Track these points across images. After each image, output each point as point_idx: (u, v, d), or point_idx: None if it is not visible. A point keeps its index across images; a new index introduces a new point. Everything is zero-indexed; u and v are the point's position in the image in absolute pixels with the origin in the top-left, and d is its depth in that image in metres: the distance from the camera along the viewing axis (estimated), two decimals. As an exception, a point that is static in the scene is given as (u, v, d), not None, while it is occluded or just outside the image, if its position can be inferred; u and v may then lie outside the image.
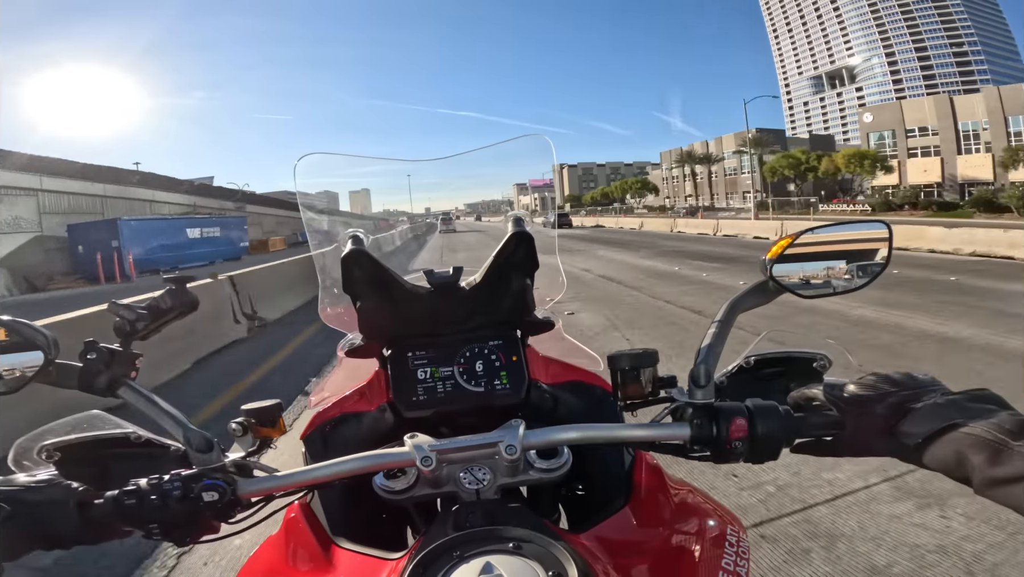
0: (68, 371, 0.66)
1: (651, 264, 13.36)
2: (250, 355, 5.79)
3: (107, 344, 0.68)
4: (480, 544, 0.54)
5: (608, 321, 6.73)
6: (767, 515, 2.49)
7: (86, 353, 0.66)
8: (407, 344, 0.91)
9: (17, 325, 0.64)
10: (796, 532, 2.35)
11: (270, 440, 0.71)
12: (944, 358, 4.68)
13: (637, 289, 9.29)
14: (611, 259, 14.83)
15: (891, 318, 6.00)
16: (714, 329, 0.71)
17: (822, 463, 2.82)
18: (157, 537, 0.59)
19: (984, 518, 2.33)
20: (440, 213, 3.39)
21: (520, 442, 0.62)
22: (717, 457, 0.64)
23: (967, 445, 0.48)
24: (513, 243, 0.82)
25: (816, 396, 0.62)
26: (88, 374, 0.66)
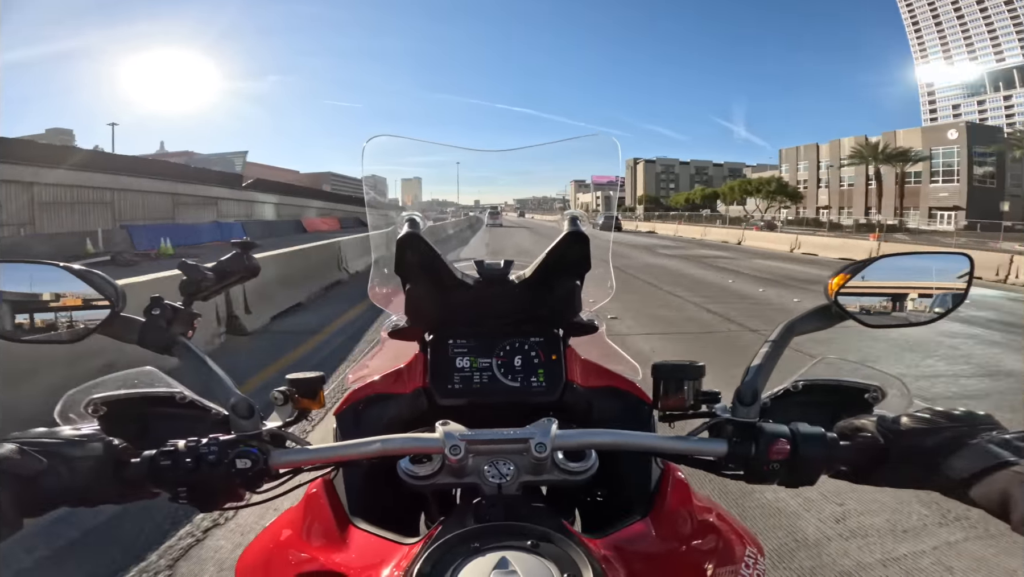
0: (130, 325, 0.68)
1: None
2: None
3: (172, 302, 0.69)
4: (498, 538, 0.54)
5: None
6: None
7: (151, 308, 0.67)
8: (449, 331, 0.92)
9: (89, 274, 0.65)
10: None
11: (308, 412, 0.71)
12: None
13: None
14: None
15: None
16: (766, 349, 0.69)
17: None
18: (183, 501, 0.59)
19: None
20: (488, 206, 3.40)
21: (551, 441, 0.62)
22: (751, 477, 0.63)
23: (1014, 484, 0.48)
24: (567, 242, 0.81)
25: (865, 427, 0.61)
26: (149, 329, 0.67)
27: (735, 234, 28.03)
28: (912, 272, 0.67)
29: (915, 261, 0.68)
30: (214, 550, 2.24)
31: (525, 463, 0.67)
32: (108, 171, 22.21)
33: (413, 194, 5.46)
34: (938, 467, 0.54)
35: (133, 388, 0.71)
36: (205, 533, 2.35)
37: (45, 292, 0.66)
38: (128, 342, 0.68)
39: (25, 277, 0.67)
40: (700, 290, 10.07)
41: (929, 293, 0.67)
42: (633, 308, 7.82)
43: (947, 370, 5.12)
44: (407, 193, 4.58)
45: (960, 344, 6.04)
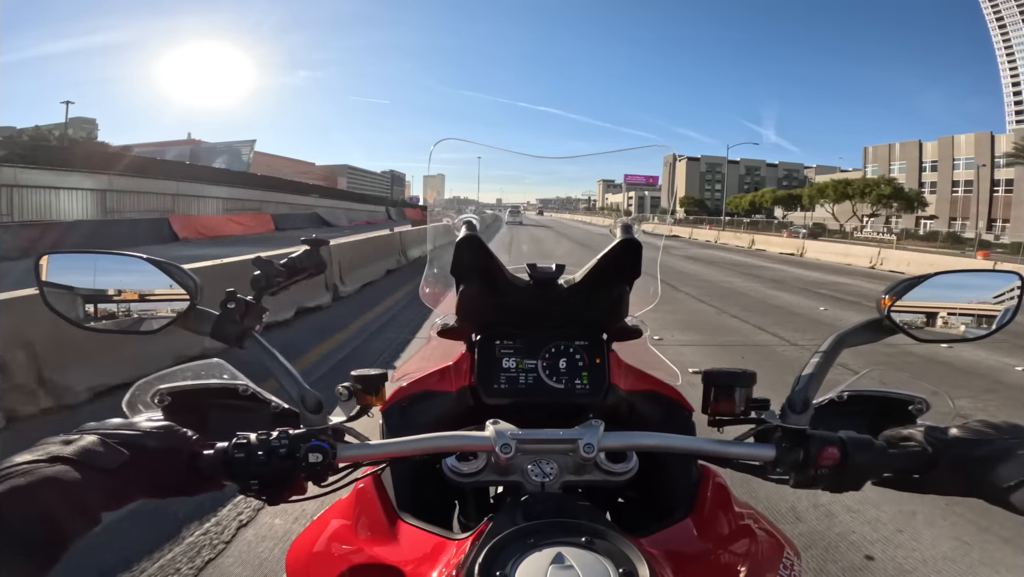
0: (205, 318, 0.69)
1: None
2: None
3: (243, 296, 0.71)
4: (553, 534, 0.55)
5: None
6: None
7: (227, 302, 0.69)
8: (497, 332, 0.93)
9: (170, 267, 0.67)
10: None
11: (370, 407, 0.73)
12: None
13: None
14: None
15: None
16: (817, 359, 0.71)
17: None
18: (253, 493, 0.59)
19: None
20: (509, 205, 3.35)
21: (599, 442, 0.64)
22: (797, 482, 0.64)
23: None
24: (620, 249, 0.83)
25: (912, 436, 0.62)
26: (223, 322, 0.68)
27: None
28: (965, 289, 0.69)
29: (968, 279, 0.70)
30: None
31: (567, 463, 0.69)
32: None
33: (436, 191, 5.45)
34: (985, 475, 0.56)
35: (199, 379, 0.73)
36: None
37: (132, 284, 0.68)
38: (202, 335, 0.69)
39: (110, 267, 0.69)
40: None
41: (981, 310, 0.68)
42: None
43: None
44: (430, 190, 4.58)
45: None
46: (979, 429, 0.59)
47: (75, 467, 0.47)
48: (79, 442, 0.50)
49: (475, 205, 3.50)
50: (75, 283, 0.67)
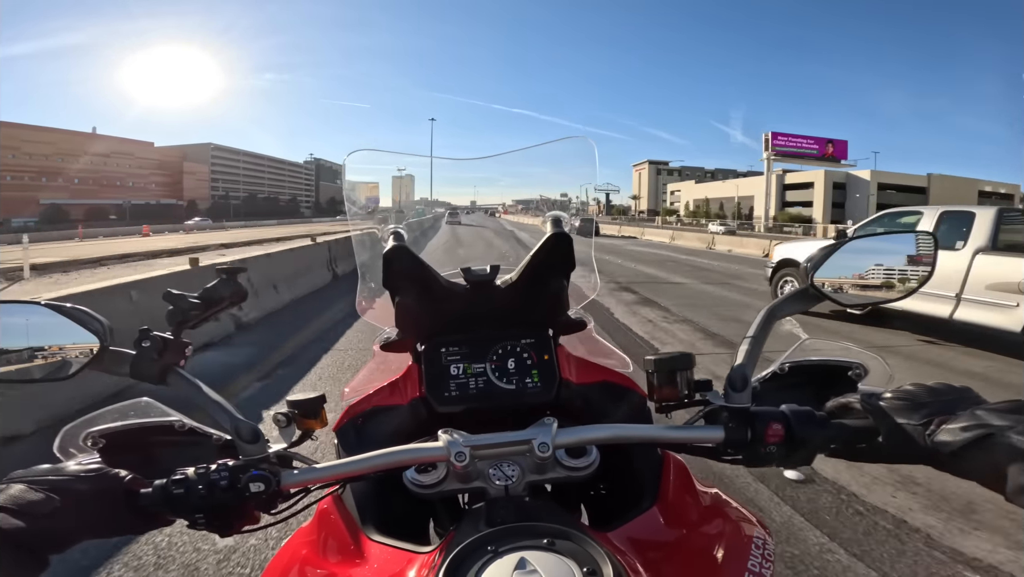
0: (121, 358, 0.67)
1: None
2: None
3: (160, 332, 0.69)
4: (514, 539, 0.55)
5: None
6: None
7: (140, 341, 0.67)
8: (441, 340, 0.92)
9: (74, 311, 0.65)
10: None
11: (311, 432, 0.72)
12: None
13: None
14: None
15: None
16: (752, 333, 0.72)
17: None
18: (201, 527, 0.59)
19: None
20: (449, 206, 3.25)
21: (553, 440, 0.63)
22: (750, 460, 0.65)
23: (1003, 455, 0.49)
24: (551, 243, 0.82)
25: (852, 404, 0.63)
26: (141, 362, 0.67)
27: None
28: (882, 251, 0.71)
29: (883, 241, 0.71)
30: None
31: (529, 463, 0.68)
32: None
33: (406, 193, 5.39)
34: (927, 441, 0.54)
35: (129, 419, 0.70)
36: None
37: (34, 332, 0.65)
38: (120, 375, 0.68)
39: (11, 317, 0.66)
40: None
41: (897, 271, 0.70)
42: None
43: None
44: (397, 192, 4.46)
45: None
46: (914, 393, 0.58)
47: (10, 515, 0.48)
48: (8, 491, 0.51)
49: (446, 208, 3.46)
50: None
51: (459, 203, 2.63)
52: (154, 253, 19.70)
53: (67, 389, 3.35)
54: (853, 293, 0.71)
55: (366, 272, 1.00)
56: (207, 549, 2.31)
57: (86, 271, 14.92)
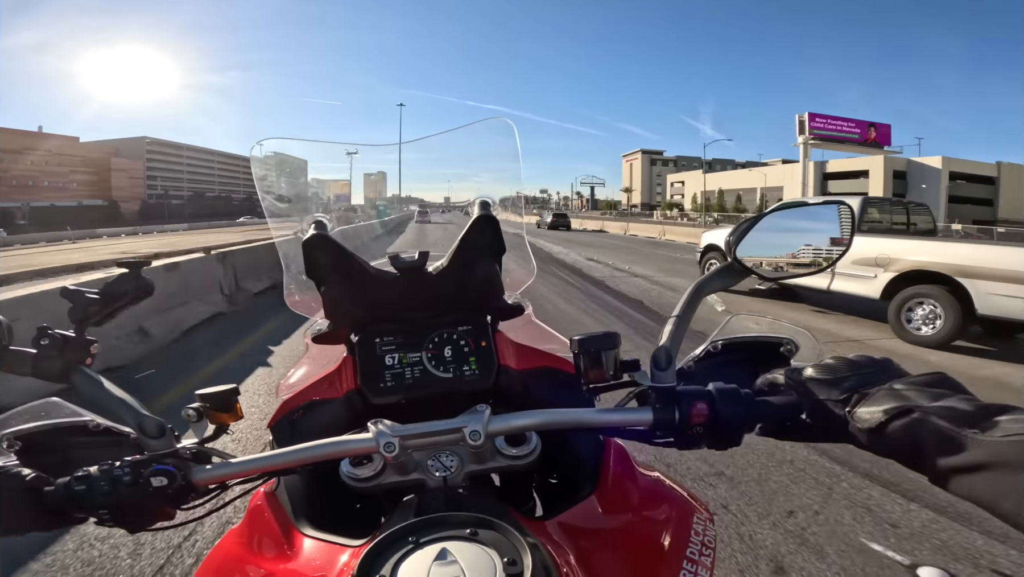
0: (21, 357, 0.66)
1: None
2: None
3: (62, 330, 0.67)
4: (437, 530, 0.54)
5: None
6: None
7: (39, 339, 0.65)
8: (375, 330, 0.90)
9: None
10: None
11: (226, 426, 0.70)
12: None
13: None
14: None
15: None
16: (678, 312, 0.71)
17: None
18: (108, 523, 0.59)
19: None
20: (421, 203, 3.17)
21: (484, 428, 0.62)
22: (680, 443, 0.63)
23: (922, 433, 0.45)
24: (479, 227, 0.81)
25: (778, 380, 0.61)
26: (42, 360, 0.66)
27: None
28: (801, 223, 0.70)
29: (801, 213, 0.71)
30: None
31: (467, 453, 0.67)
32: None
33: (378, 190, 5.15)
34: (846, 418, 0.52)
35: (40, 420, 0.68)
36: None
37: None
38: (22, 375, 0.66)
39: None
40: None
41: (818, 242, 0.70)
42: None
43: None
44: (371, 189, 4.30)
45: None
46: (834, 367, 0.55)
47: None
48: None
49: (418, 204, 3.42)
50: None
51: (433, 200, 2.57)
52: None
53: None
54: (775, 266, 0.71)
55: (290, 263, 0.97)
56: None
57: None
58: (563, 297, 8.31)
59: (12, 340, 0.65)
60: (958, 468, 0.43)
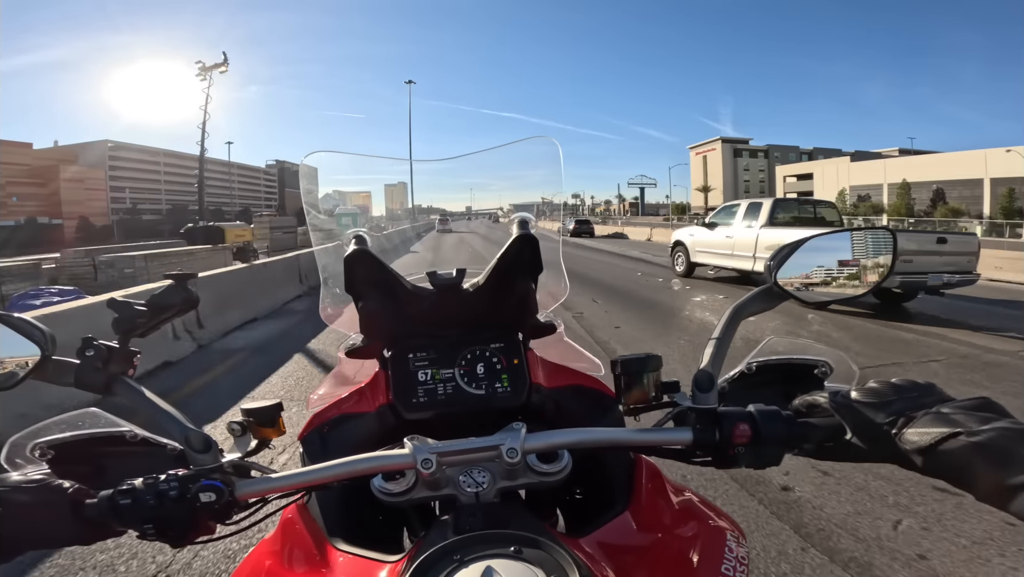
0: (65, 368, 0.66)
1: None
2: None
3: (105, 341, 0.68)
4: (481, 548, 0.54)
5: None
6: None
7: (84, 350, 0.66)
8: (408, 345, 0.90)
9: (15, 320, 0.64)
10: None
11: (268, 441, 0.71)
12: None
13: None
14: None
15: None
16: (718, 334, 0.72)
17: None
18: (152, 537, 0.58)
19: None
20: (443, 213, 3.23)
21: (521, 446, 0.62)
22: (719, 462, 0.64)
23: (971, 453, 0.48)
24: (518, 246, 0.81)
25: (818, 402, 0.62)
26: (85, 371, 0.66)
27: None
28: (843, 249, 0.71)
29: (844, 239, 0.72)
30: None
31: (499, 469, 0.67)
32: None
33: (400, 201, 5.09)
34: (894, 440, 0.54)
35: (77, 430, 0.68)
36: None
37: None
38: (64, 385, 0.66)
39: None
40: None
41: (859, 268, 0.70)
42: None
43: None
44: (393, 200, 4.29)
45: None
46: (879, 390, 0.58)
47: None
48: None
49: (439, 215, 3.47)
50: None
51: (454, 209, 2.63)
52: None
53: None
54: (815, 291, 0.71)
55: (328, 277, 0.98)
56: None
57: None
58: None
59: (55, 350, 0.65)
60: (1007, 488, 0.45)
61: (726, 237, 10.28)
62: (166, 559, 2.30)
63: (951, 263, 7.51)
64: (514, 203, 5.35)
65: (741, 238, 9.84)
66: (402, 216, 2.08)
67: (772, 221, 9.47)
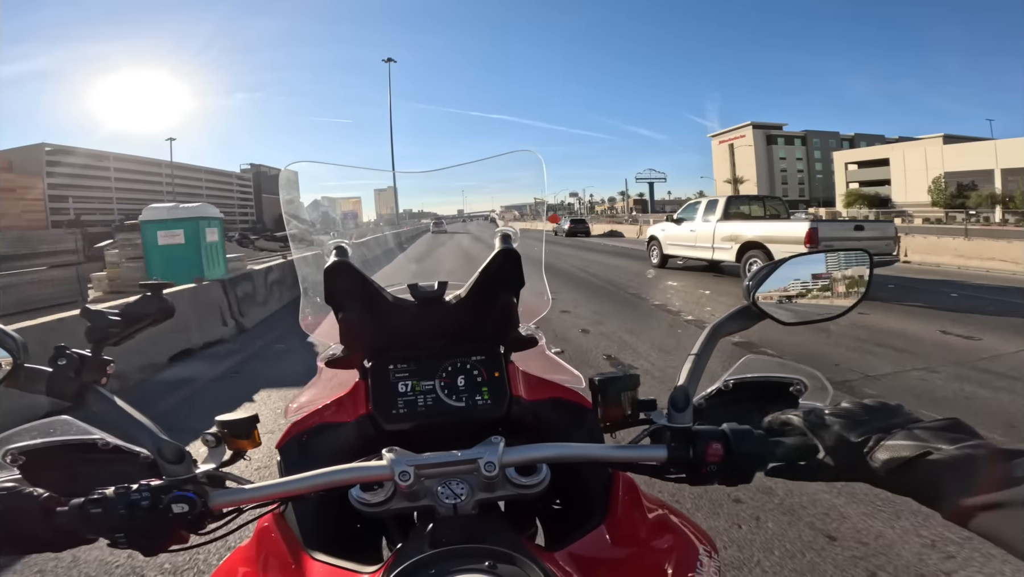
0: (37, 376, 0.66)
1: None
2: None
3: (78, 350, 0.67)
4: (455, 562, 0.54)
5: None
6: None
7: (56, 358, 0.65)
8: (389, 357, 0.90)
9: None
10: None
11: (243, 452, 0.71)
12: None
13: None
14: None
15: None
16: (696, 350, 0.72)
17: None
18: (123, 546, 0.58)
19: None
20: (435, 217, 3.22)
21: (499, 459, 0.63)
22: (693, 479, 0.65)
23: (940, 473, 0.49)
24: (499, 260, 0.81)
25: (791, 421, 0.63)
26: (57, 380, 0.65)
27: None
28: (818, 270, 0.72)
29: (821, 259, 0.73)
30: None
31: (478, 481, 0.67)
32: None
33: (389, 205, 4.99)
34: (866, 459, 0.55)
35: (48, 436, 0.68)
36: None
37: None
38: (36, 393, 0.66)
39: None
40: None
41: (836, 289, 0.71)
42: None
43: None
44: (383, 205, 4.28)
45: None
46: (852, 411, 0.59)
47: None
48: None
49: (431, 219, 3.45)
50: None
51: (446, 212, 2.70)
52: None
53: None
54: (793, 310, 0.72)
55: (308, 287, 0.97)
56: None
57: None
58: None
59: (27, 358, 0.65)
60: (975, 507, 0.46)
61: (690, 231, 11.96)
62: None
63: (870, 247, 8.65)
64: (506, 204, 5.25)
65: (702, 232, 11.46)
66: (393, 221, 2.08)
67: (727, 215, 11.16)
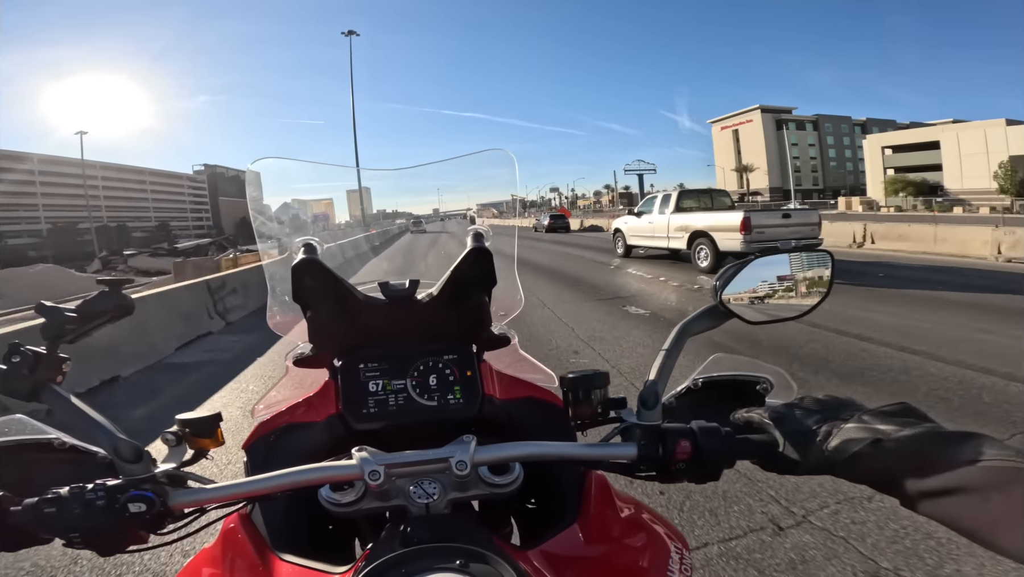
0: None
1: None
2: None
3: (33, 347, 0.65)
4: (427, 561, 0.53)
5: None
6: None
7: (10, 356, 0.63)
8: (359, 355, 0.89)
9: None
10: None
11: (206, 451, 0.69)
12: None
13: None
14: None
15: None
16: (664, 352, 0.73)
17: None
18: (79, 546, 0.57)
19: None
20: (411, 216, 3.17)
21: (471, 458, 0.62)
22: (662, 477, 0.65)
23: (893, 460, 0.50)
24: (472, 258, 0.81)
25: (755, 418, 0.64)
26: (10, 377, 0.64)
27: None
28: (782, 271, 0.74)
29: (785, 259, 0.74)
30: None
31: (450, 481, 0.67)
32: None
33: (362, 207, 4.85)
34: (823, 451, 0.55)
35: (3, 436, 0.66)
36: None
37: None
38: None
39: None
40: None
41: (799, 289, 0.73)
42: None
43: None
44: (355, 206, 4.15)
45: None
46: (806, 404, 0.60)
47: None
48: None
49: (407, 218, 3.41)
50: None
51: (422, 212, 2.64)
52: None
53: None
54: (760, 309, 0.74)
55: (276, 285, 0.96)
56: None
57: None
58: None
59: None
60: (926, 492, 0.47)
61: (648, 223, 13.24)
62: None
63: (797, 232, 10.48)
64: (483, 203, 5.26)
65: (659, 223, 12.75)
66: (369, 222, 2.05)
67: (679, 208, 12.43)
